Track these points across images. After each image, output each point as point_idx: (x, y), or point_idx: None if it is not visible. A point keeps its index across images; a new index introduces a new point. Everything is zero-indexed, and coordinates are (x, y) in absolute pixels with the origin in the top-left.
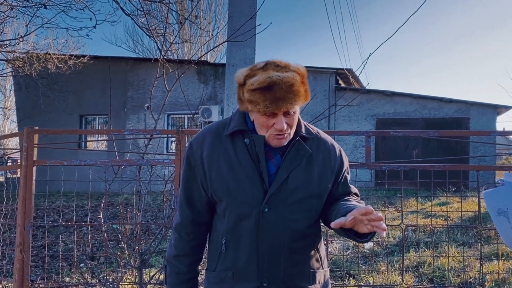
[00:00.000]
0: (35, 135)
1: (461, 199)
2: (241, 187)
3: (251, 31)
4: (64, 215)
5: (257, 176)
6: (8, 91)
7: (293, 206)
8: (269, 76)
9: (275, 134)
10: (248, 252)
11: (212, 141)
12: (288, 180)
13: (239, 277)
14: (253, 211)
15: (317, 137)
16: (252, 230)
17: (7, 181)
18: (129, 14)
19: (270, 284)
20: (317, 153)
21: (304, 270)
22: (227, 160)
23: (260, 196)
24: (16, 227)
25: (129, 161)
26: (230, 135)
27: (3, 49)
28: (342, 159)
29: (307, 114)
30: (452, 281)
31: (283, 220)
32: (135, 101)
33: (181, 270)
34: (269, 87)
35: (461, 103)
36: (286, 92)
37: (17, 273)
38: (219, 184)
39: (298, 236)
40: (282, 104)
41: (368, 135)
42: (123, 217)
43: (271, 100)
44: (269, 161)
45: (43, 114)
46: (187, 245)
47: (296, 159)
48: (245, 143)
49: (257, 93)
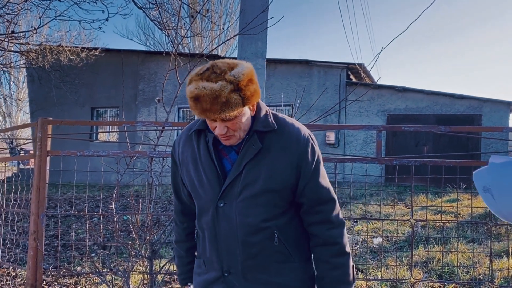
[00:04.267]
0: (49, 126)
1: (472, 196)
2: (202, 183)
3: (262, 24)
4: (76, 206)
5: (214, 172)
6: (21, 82)
7: (246, 201)
8: (197, 87)
9: (221, 135)
10: (210, 244)
11: (185, 140)
12: (241, 175)
13: (208, 265)
14: (210, 206)
15: (277, 130)
16: (210, 223)
17: (21, 171)
18: (141, 7)
19: (231, 275)
20: (276, 146)
21: (264, 263)
22: (193, 158)
23: (217, 191)
24: (29, 216)
25: (141, 152)
26: (196, 134)
27: (17, 41)
28: (307, 154)
29: (317, 109)
30: (461, 278)
31: (236, 214)
32: (146, 94)
33: (181, 254)
34: (196, 98)
35: (473, 100)
36: (211, 104)
37: (31, 260)
38: (187, 180)
39: (252, 230)
40: (210, 115)
41: (379, 129)
42: (134, 208)
43: (200, 111)
44: (224, 158)
45: (56, 106)
46: (182, 232)
47: (248, 154)
48: (206, 142)
49: (190, 101)
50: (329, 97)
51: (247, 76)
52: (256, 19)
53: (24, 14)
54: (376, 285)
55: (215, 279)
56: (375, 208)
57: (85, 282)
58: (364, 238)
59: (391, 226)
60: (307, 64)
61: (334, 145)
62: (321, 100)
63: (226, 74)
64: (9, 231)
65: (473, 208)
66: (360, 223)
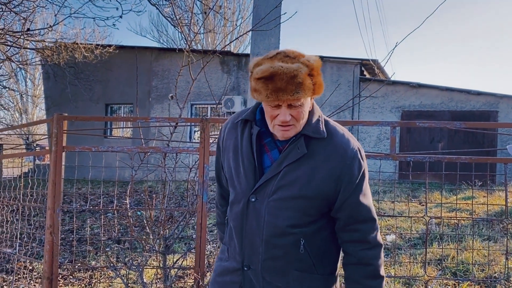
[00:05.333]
0: (64, 122)
1: (487, 193)
2: (238, 174)
3: (276, 20)
4: (91, 201)
5: (252, 166)
6: (37, 79)
7: (278, 202)
8: (272, 66)
9: (279, 125)
10: (236, 235)
11: (230, 128)
12: (279, 175)
13: (231, 254)
14: (242, 198)
15: (326, 138)
16: (239, 215)
17: (37, 167)
18: (155, 4)
19: (250, 270)
20: (322, 154)
21: (285, 267)
22: (234, 147)
23: (251, 185)
24: (46, 210)
25: (155, 148)
26: (243, 124)
27: (32, 38)
28: (352, 167)
29: (330, 105)
30: (476, 276)
31: (265, 213)
32: (160, 91)
33: (222, 236)
34: (271, 77)
35: (489, 96)
36: (287, 83)
37: (47, 254)
38: (226, 167)
39: (278, 232)
40: (283, 95)
41: (393, 125)
42: (148, 203)
43: (272, 90)
44: (265, 154)
45: (70, 103)
46: (222, 215)
47: (291, 157)
48: (251, 133)
49: (260, 82)
50: (342, 93)
51: (318, 65)
52: (269, 15)
53: (40, 11)
54: (389, 282)
55: (234, 269)
56: (388, 205)
57: (99, 276)
58: None
59: (405, 223)
60: (320, 60)
61: None
62: (334, 96)
63: (301, 57)
64: (26, 225)
65: (489, 205)
66: None
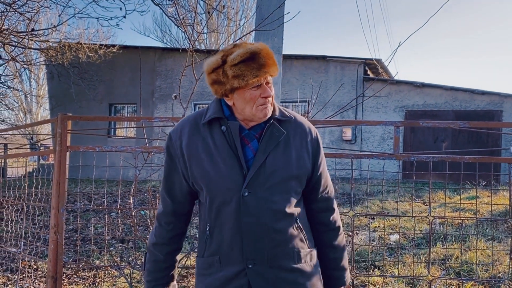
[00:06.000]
0: (68, 121)
1: (492, 193)
2: (220, 174)
3: (279, 20)
4: (94, 201)
5: (235, 161)
6: (41, 79)
7: (272, 188)
8: (250, 46)
9: (261, 105)
10: (232, 237)
11: (190, 131)
12: (266, 163)
13: (225, 260)
14: (233, 197)
15: (293, 119)
16: (233, 215)
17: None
18: (158, 4)
19: (255, 266)
20: (294, 135)
21: (288, 250)
22: (205, 148)
23: (240, 181)
24: (50, 210)
25: (159, 148)
26: (208, 124)
27: (37, 38)
28: (318, 143)
29: (333, 104)
30: (480, 276)
31: (263, 202)
32: (163, 91)
33: (159, 258)
34: (252, 57)
35: (494, 95)
36: (266, 58)
37: (51, 253)
38: (199, 172)
39: (279, 216)
40: (267, 70)
41: (397, 125)
42: (151, 203)
43: (257, 68)
44: (246, 146)
45: (74, 102)
46: (166, 234)
47: (272, 141)
48: (222, 131)
49: (242, 66)
50: (346, 92)
51: None
52: (272, 15)
53: (44, 12)
54: (393, 282)
55: (236, 273)
56: (392, 204)
57: (103, 275)
58: (381, 235)
59: (408, 223)
60: (323, 60)
61: (350, 141)
62: (337, 96)
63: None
64: (30, 224)
65: (493, 205)
66: (377, 220)
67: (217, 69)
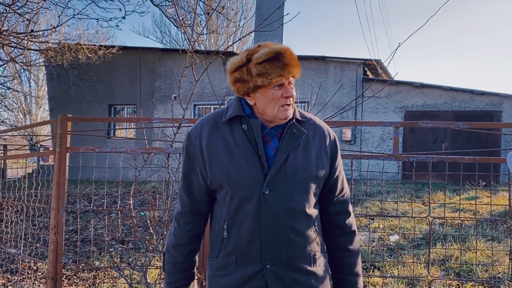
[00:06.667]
0: (68, 122)
1: (491, 193)
2: (241, 172)
3: (278, 20)
4: (94, 202)
5: (256, 159)
6: (40, 80)
7: (293, 187)
8: (275, 46)
9: (283, 104)
10: (250, 235)
11: (210, 130)
12: (287, 161)
13: (242, 260)
14: (254, 194)
15: (312, 121)
16: (253, 213)
17: (41, 168)
18: (158, 5)
19: (273, 266)
20: (314, 136)
21: (305, 252)
22: (226, 147)
23: (260, 179)
24: (50, 211)
25: (159, 149)
26: (228, 122)
27: (36, 39)
28: (336, 146)
29: (333, 105)
30: (480, 276)
31: (283, 201)
32: (163, 92)
33: (178, 259)
34: (277, 56)
35: (493, 96)
36: (290, 59)
37: (51, 254)
38: (219, 170)
39: (299, 216)
40: (291, 70)
41: (396, 125)
42: (151, 204)
43: (281, 68)
44: (267, 144)
45: (74, 103)
46: (186, 234)
47: (293, 141)
48: (243, 129)
49: (267, 64)
50: (345, 93)
51: None
52: (271, 16)
53: (43, 13)
54: (392, 283)
55: (253, 274)
56: (392, 205)
57: (103, 276)
58: (380, 235)
59: (408, 223)
60: (323, 61)
61: (350, 142)
62: (337, 97)
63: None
64: (30, 225)
65: (493, 205)
66: (376, 220)
67: (241, 67)
